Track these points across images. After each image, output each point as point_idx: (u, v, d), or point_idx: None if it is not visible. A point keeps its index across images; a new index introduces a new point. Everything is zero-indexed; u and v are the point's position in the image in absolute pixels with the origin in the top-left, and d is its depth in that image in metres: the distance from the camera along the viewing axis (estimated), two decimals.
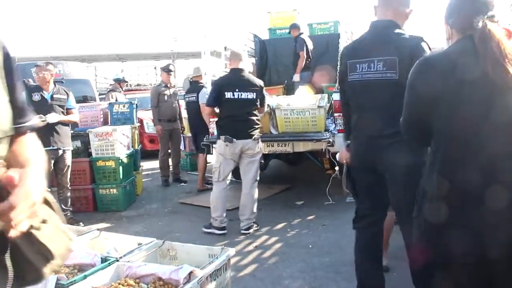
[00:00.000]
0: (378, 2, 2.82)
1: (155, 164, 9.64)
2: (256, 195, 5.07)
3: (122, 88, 9.86)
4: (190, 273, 2.82)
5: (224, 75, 5.57)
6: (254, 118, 4.99)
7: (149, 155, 9.73)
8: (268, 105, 5.65)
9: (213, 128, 6.62)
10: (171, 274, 2.85)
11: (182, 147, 8.69)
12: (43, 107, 5.23)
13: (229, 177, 5.32)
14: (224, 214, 5.02)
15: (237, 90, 4.86)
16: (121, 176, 6.16)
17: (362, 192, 2.98)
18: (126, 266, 3.06)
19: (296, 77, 7.80)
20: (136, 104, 7.18)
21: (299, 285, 3.56)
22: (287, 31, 8.70)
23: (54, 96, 5.37)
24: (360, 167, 2.92)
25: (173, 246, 3.50)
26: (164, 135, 7.65)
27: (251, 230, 4.97)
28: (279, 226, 5.15)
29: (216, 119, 5.26)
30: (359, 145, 2.89)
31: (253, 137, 4.94)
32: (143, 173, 7.66)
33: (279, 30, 9.03)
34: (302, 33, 7.98)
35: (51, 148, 5.21)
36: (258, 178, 5.11)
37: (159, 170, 7.94)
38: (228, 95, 4.86)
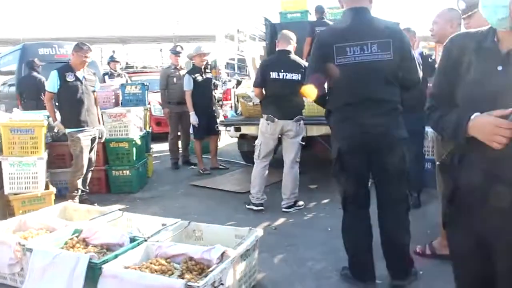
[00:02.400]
0: None
1: (162, 146, 9.65)
2: (296, 175, 5.14)
3: (115, 70, 9.77)
4: (223, 253, 2.83)
5: (271, 56, 5.62)
6: (298, 99, 4.95)
7: (156, 137, 9.70)
8: None
9: (225, 111, 6.66)
10: (203, 254, 2.87)
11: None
12: (78, 87, 5.25)
13: (269, 156, 5.31)
14: (261, 192, 5.14)
15: (282, 70, 4.91)
16: (134, 158, 6.16)
17: (352, 174, 3.08)
18: (155, 246, 3.08)
19: None
20: (147, 86, 7.13)
21: (323, 266, 3.59)
22: (298, 14, 8.65)
23: (86, 77, 5.39)
24: (354, 150, 3.03)
25: (199, 227, 3.53)
26: (173, 117, 7.62)
27: (292, 209, 5.07)
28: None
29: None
30: (355, 126, 2.98)
31: (295, 118, 4.98)
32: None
33: (290, 14, 8.94)
34: (322, 18, 7.91)
35: (88, 128, 5.31)
36: (298, 159, 5.18)
37: (168, 153, 7.96)
38: (274, 75, 4.92)
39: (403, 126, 3.09)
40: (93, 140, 5.46)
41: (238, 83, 7.04)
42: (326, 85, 3.23)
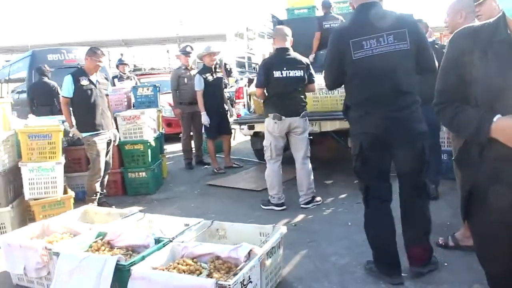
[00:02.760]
0: None
1: (174, 147, 9.70)
2: (309, 170, 5.14)
3: (124, 72, 9.80)
4: (249, 251, 2.84)
5: (271, 55, 5.60)
6: (301, 95, 5.05)
7: (167, 138, 9.73)
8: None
9: (238, 109, 6.67)
10: (230, 253, 2.88)
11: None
12: (93, 91, 5.29)
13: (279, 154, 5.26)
14: (281, 191, 5.13)
15: (284, 68, 4.91)
16: (149, 159, 6.19)
17: (373, 170, 3.13)
18: (181, 246, 3.09)
19: (310, 57, 7.77)
20: (159, 88, 7.15)
21: (346, 261, 3.58)
22: (305, 10, 8.63)
23: (99, 80, 5.43)
24: (375, 144, 3.05)
25: (222, 226, 3.54)
26: (186, 118, 7.64)
27: (310, 205, 5.08)
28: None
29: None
30: (377, 121, 3.00)
31: (301, 115, 5.00)
32: None
33: (297, 10, 8.92)
34: (330, 12, 7.90)
35: (104, 131, 5.35)
36: (309, 154, 5.18)
37: (181, 153, 7.98)
38: (277, 74, 4.91)
39: (423, 119, 3.10)
40: (108, 143, 5.50)
41: (250, 81, 7.04)
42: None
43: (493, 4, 3.64)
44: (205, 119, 6.94)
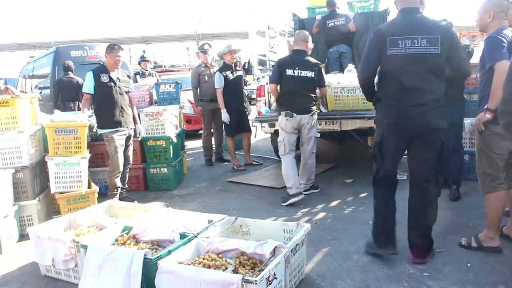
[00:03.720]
0: None
1: (194, 144, 9.78)
2: (313, 165, 5.52)
3: (146, 69, 9.88)
4: (275, 248, 2.87)
5: (287, 55, 5.81)
6: (312, 95, 5.31)
7: (186, 135, 9.79)
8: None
9: (259, 107, 6.71)
10: (255, 249, 2.91)
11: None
12: (112, 88, 5.37)
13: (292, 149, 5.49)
14: (298, 181, 5.33)
15: (297, 68, 5.21)
16: (171, 155, 6.26)
17: (388, 156, 3.49)
18: (206, 241, 3.14)
19: None
20: (181, 84, 7.22)
21: (369, 259, 3.59)
22: (326, 9, 8.63)
23: (120, 78, 5.48)
24: (395, 133, 3.39)
25: (246, 222, 3.58)
26: (206, 115, 7.70)
27: (308, 192, 5.48)
28: (334, 203, 5.19)
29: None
30: (398, 112, 3.32)
31: (311, 113, 5.27)
32: None
33: (318, 9, 8.91)
34: (334, 11, 7.91)
35: (122, 128, 5.42)
36: (315, 150, 5.47)
37: (201, 150, 8.04)
38: (289, 72, 5.22)
39: (444, 117, 3.33)
40: (128, 139, 5.57)
41: None
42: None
43: None
44: (225, 116, 6.99)
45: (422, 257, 3.49)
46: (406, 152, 3.54)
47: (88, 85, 5.36)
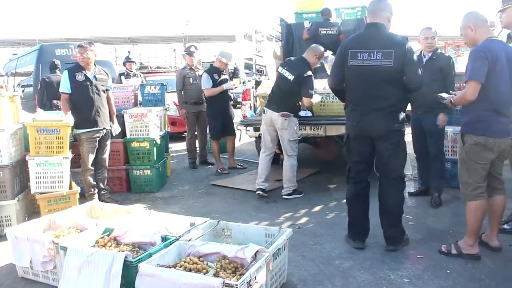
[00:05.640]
0: (368, 12, 3.92)
1: (178, 146, 9.72)
2: (292, 167, 5.61)
3: (131, 70, 9.77)
4: (256, 252, 2.86)
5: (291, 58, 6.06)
6: (286, 96, 5.48)
7: (171, 137, 9.74)
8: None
9: (244, 111, 6.72)
10: (237, 253, 2.91)
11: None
12: (88, 87, 5.30)
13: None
14: (263, 178, 5.68)
15: (285, 67, 5.54)
16: (155, 157, 6.22)
17: (354, 155, 3.92)
18: (188, 245, 3.12)
19: None
20: (166, 86, 7.18)
21: (350, 265, 3.61)
22: (313, 15, 8.68)
23: (97, 76, 5.40)
24: (357, 134, 3.84)
25: (228, 226, 3.57)
26: (190, 117, 7.67)
27: (291, 197, 5.57)
28: (317, 208, 5.20)
29: None
30: (359, 116, 3.77)
31: (280, 113, 5.40)
32: None
33: (306, 14, 8.95)
34: (328, 19, 7.97)
35: (97, 128, 5.35)
36: (290, 153, 5.56)
37: (185, 152, 8.00)
38: (280, 68, 5.63)
39: (398, 120, 3.72)
40: (102, 140, 5.51)
41: (257, 83, 7.09)
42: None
43: None
44: (228, 85, 7.17)
45: (394, 245, 3.86)
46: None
47: (64, 85, 5.29)
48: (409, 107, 4.39)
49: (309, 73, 5.41)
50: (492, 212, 3.71)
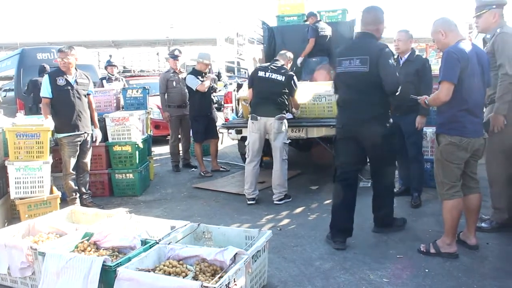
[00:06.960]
0: (361, 22, 4.13)
1: (161, 149, 9.71)
2: (284, 172, 5.55)
3: (112, 74, 9.70)
4: (235, 254, 2.88)
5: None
6: (280, 99, 5.43)
7: (154, 141, 9.71)
8: None
9: (226, 114, 6.73)
10: (216, 256, 2.92)
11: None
12: (69, 91, 5.26)
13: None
14: (253, 188, 5.58)
15: (269, 71, 5.50)
16: (137, 161, 6.20)
17: (342, 155, 4.15)
18: (167, 248, 3.12)
19: (299, 60, 7.88)
20: (148, 90, 7.16)
21: (331, 266, 3.64)
22: (295, 18, 8.73)
23: (78, 80, 5.37)
24: (344, 136, 4.10)
25: (208, 229, 3.57)
26: (174, 121, 7.67)
27: (282, 202, 5.50)
28: (299, 210, 5.23)
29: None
30: (346, 119, 4.06)
31: (276, 116, 5.35)
32: None
33: (287, 18, 9.01)
34: (319, 20, 8.00)
35: (79, 132, 5.31)
36: (284, 157, 5.51)
37: (168, 156, 7.99)
38: (261, 74, 5.51)
39: (382, 120, 3.97)
40: (83, 144, 5.47)
41: (239, 86, 7.10)
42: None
43: (489, 18, 3.91)
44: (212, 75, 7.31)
45: (380, 227, 4.32)
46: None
47: (45, 89, 5.24)
48: None
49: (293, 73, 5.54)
50: (468, 211, 3.78)
